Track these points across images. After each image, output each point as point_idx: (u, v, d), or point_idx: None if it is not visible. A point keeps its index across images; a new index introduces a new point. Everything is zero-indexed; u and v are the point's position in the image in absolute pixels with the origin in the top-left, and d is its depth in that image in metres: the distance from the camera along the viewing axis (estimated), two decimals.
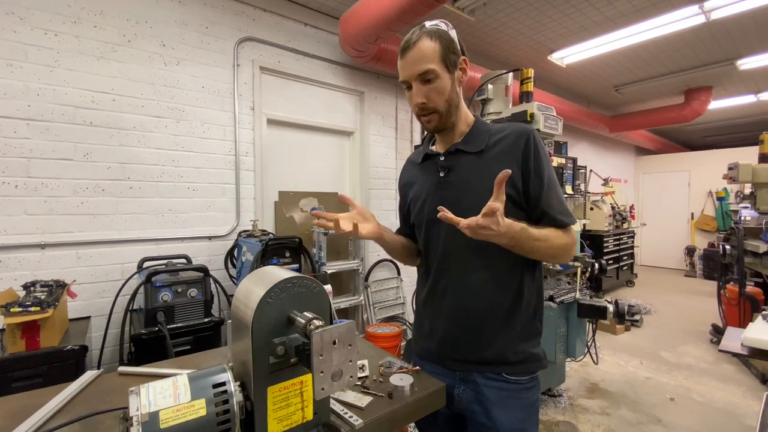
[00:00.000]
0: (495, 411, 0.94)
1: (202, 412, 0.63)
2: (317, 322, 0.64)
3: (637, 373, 3.21)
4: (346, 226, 0.91)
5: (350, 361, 0.64)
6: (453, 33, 0.95)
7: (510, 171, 0.76)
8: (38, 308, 1.56)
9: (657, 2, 3.29)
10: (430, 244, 1.04)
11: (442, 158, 1.02)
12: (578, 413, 2.59)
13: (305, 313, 0.68)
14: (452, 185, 0.99)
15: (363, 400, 0.89)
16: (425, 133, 1.15)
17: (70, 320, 2.00)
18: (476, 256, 0.96)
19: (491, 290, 0.95)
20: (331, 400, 0.86)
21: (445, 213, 0.80)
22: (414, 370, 1.04)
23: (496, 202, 0.76)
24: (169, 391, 0.63)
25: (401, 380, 0.97)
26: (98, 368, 2.01)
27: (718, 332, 3.89)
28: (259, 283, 0.72)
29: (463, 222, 0.79)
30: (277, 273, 0.74)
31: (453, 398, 1.00)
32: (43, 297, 1.67)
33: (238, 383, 0.69)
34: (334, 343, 0.61)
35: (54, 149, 2.14)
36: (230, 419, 0.65)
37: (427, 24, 0.93)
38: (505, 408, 0.94)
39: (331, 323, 0.70)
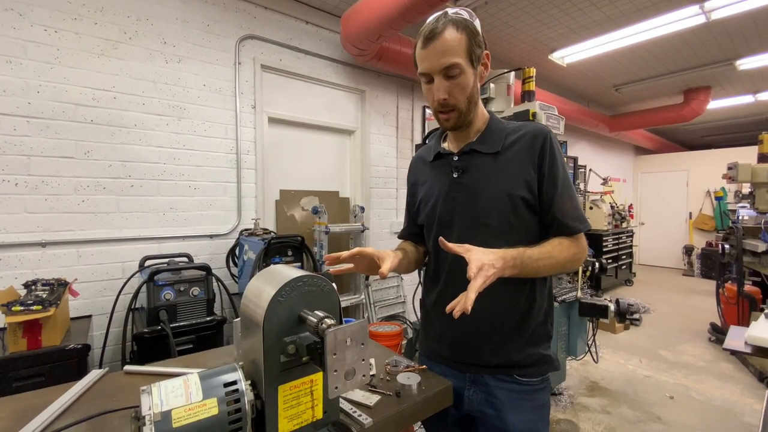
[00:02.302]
0: (507, 413, 0.92)
1: (214, 411, 0.62)
2: (329, 321, 0.64)
3: (636, 372, 3.22)
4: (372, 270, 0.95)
5: (363, 359, 0.64)
6: (477, 23, 0.89)
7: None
8: (40, 307, 1.56)
9: (658, 2, 3.30)
10: (439, 246, 1.01)
11: (455, 158, 0.98)
12: (579, 411, 2.60)
13: (316, 311, 0.68)
14: (466, 187, 0.95)
15: (371, 399, 0.89)
16: (426, 131, 1.12)
17: (72, 319, 1.99)
18: None
19: (505, 295, 0.92)
20: (340, 399, 0.86)
21: (446, 244, 0.79)
22: (421, 368, 1.04)
23: (473, 261, 0.75)
24: (180, 390, 0.63)
25: (408, 379, 0.97)
26: (100, 367, 2.00)
27: (716, 331, 3.91)
28: (269, 282, 0.71)
29: (471, 294, 0.72)
30: (287, 272, 0.73)
31: (463, 400, 0.98)
32: (44, 296, 1.66)
33: (249, 382, 0.68)
34: (347, 342, 0.61)
35: (54, 147, 2.13)
36: (242, 418, 0.64)
37: (450, 11, 0.87)
38: (517, 410, 0.92)
39: (341, 322, 0.70)
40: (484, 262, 0.75)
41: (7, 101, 2.00)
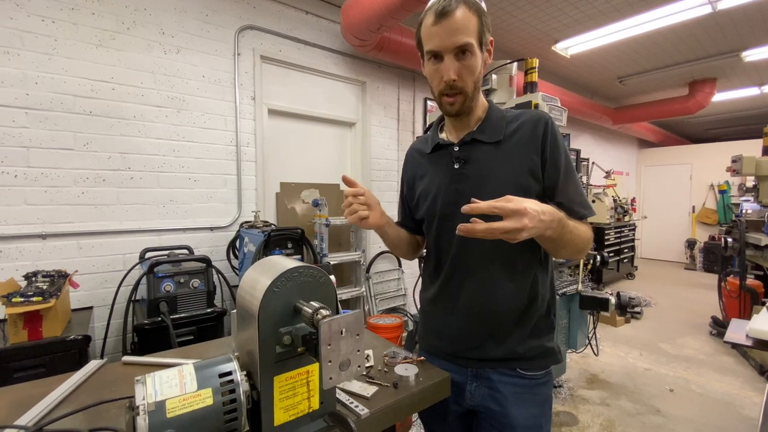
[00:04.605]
0: (511, 407, 0.91)
1: (209, 402, 0.62)
2: (324, 312, 0.63)
3: (636, 365, 3.23)
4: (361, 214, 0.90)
5: (358, 350, 0.63)
6: (484, 5, 0.86)
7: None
8: (40, 298, 1.56)
9: None
10: (442, 240, 0.98)
11: (456, 149, 0.95)
12: (578, 403, 2.61)
13: (312, 302, 0.68)
14: (469, 178, 0.92)
15: (368, 390, 0.89)
16: (427, 124, 1.09)
17: (73, 310, 1.99)
18: (494, 253, 0.90)
19: (508, 288, 0.91)
20: (337, 390, 0.86)
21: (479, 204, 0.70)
22: (419, 360, 1.03)
23: (514, 201, 0.68)
24: (175, 381, 0.63)
25: (406, 370, 0.96)
26: (101, 358, 2.01)
27: (717, 324, 3.91)
28: (264, 273, 0.71)
29: (480, 228, 0.68)
30: (283, 262, 0.73)
31: (465, 395, 0.97)
32: (45, 287, 1.66)
33: (245, 373, 0.68)
34: (342, 332, 0.61)
35: (53, 138, 2.12)
36: (237, 408, 0.64)
37: None
38: (520, 404, 0.91)
39: (337, 313, 0.69)
40: (527, 208, 0.67)
41: (5, 92, 1.99)
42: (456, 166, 0.95)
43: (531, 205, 0.69)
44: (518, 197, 0.70)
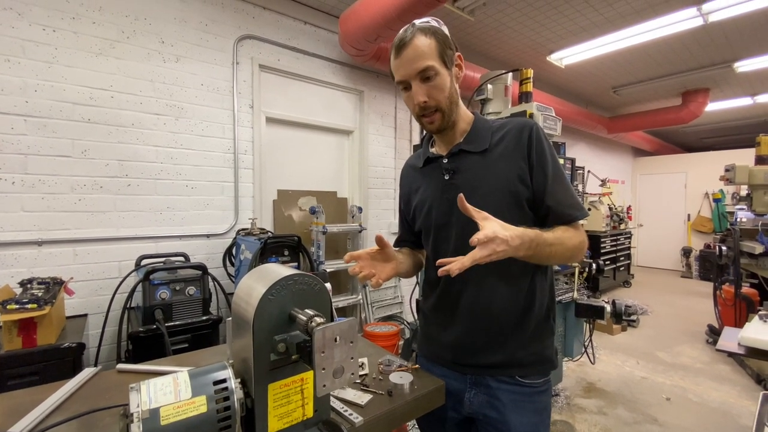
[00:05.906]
0: (510, 415, 0.92)
1: (203, 409, 0.62)
2: (319, 319, 0.64)
3: (633, 373, 3.22)
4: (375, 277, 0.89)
5: (351, 358, 0.64)
6: (445, 29, 0.91)
7: (462, 195, 0.77)
8: (35, 305, 1.56)
9: (655, 4, 3.31)
10: (439, 249, 1.00)
11: (445, 160, 0.98)
12: (575, 412, 2.60)
13: (306, 310, 0.68)
14: (459, 188, 0.93)
15: (363, 398, 0.89)
16: (424, 132, 1.12)
17: (67, 318, 1.99)
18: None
19: (506, 293, 0.92)
20: (331, 398, 0.86)
21: (464, 202, 0.77)
22: (413, 368, 1.04)
23: (486, 228, 0.73)
24: (169, 388, 0.63)
25: (401, 378, 0.97)
26: (95, 366, 2.00)
27: (713, 333, 3.92)
28: (260, 280, 0.71)
29: (466, 260, 0.73)
30: (278, 270, 0.73)
31: (463, 402, 0.97)
32: (40, 294, 1.66)
33: (239, 380, 0.68)
34: (336, 340, 0.61)
35: (52, 146, 2.13)
36: (231, 416, 0.64)
37: (417, 22, 0.90)
38: (519, 412, 0.92)
39: (332, 321, 0.70)
40: (497, 235, 0.73)
41: (4, 100, 2.01)
42: (446, 177, 0.98)
43: (500, 231, 0.74)
44: (493, 220, 0.76)
